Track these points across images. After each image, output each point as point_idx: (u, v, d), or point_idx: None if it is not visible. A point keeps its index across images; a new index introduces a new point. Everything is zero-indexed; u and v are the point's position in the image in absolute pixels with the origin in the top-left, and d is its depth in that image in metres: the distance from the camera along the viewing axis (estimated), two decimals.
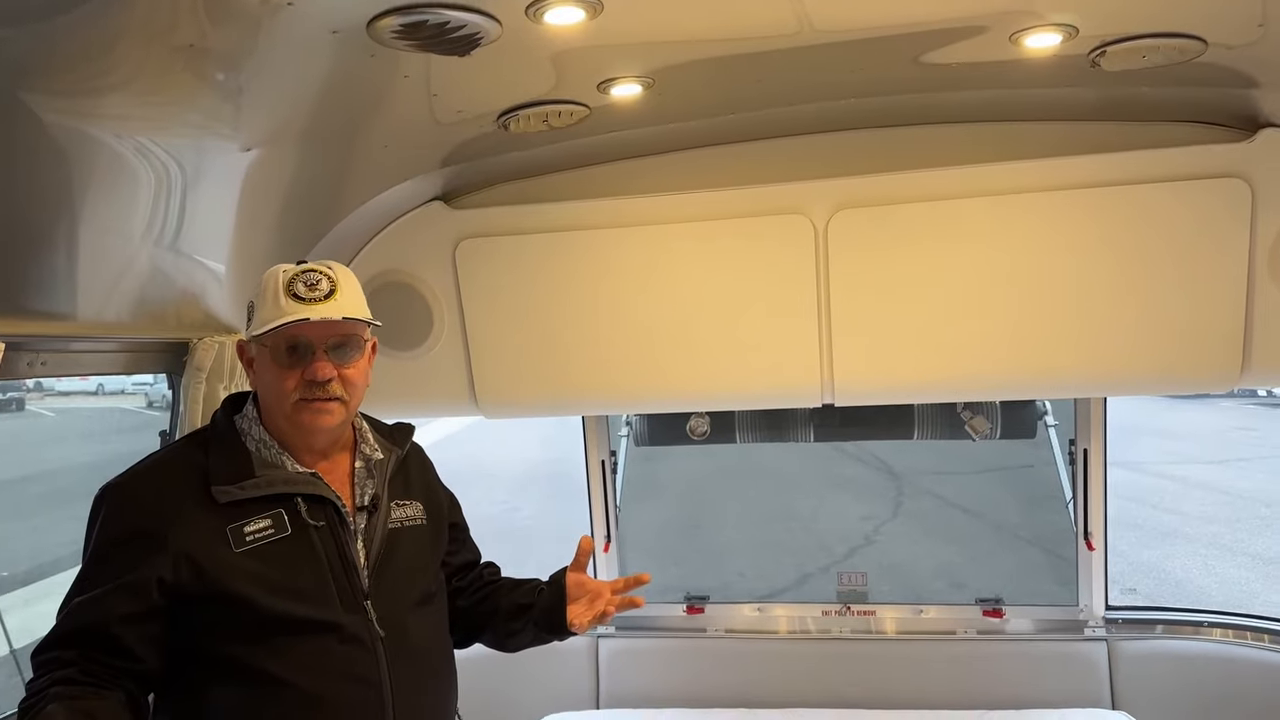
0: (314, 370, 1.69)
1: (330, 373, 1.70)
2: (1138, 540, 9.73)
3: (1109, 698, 3.27)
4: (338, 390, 1.72)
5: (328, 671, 1.66)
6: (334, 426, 1.76)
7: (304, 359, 1.70)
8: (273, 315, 1.69)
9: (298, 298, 1.69)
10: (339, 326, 1.72)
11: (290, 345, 1.70)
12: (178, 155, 1.91)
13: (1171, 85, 2.27)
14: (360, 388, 1.79)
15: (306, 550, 1.70)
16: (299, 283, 1.70)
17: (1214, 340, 2.56)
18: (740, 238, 2.75)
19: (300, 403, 1.71)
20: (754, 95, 2.39)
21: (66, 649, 1.58)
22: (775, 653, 3.52)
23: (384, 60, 1.76)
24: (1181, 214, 2.51)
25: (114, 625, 1.59)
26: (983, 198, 2.62)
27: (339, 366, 1.72)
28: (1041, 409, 3.50)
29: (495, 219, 2.86)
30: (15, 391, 10.18)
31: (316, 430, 1.75)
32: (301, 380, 1.70)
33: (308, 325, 1.68)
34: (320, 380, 1.70)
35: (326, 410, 1.72)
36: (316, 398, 1.70)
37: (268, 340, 1.71)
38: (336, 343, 1.73)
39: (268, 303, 1.71)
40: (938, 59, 2.14)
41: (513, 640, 2.09)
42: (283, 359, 1.71)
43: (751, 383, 2.85)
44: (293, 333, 1.69)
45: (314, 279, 1.71)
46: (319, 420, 1.72)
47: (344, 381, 1.73)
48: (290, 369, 1.70)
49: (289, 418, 1.73)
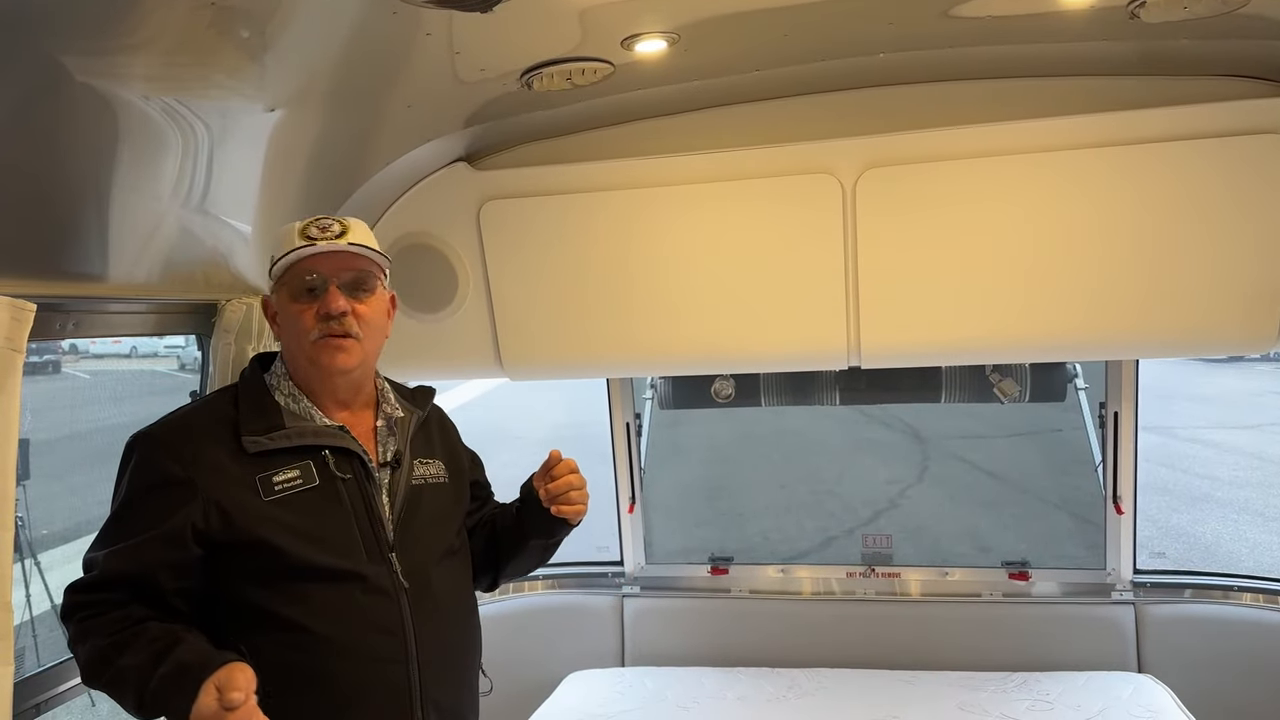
0: (327, 302, 1.75)
1: (344, 305, 1.75)
2: (1167, 505, 9.66)
3: (1135, 661, 3.26)
4: (353, 326, 1.77)
5: (352, 621, 1.70)
6: (353, 367, 1.80)
7: (319, 295, 1.76)
8: (289, 258, 1.76)
9: (310, 238, 1.76)
10: (351, 261, 1.78)
11: (307, 285, 1.76)
12: (204, 116, 1.92)
13: (1213, 38, 2.20)
14: (376, 329, 1.83)
15: (334, 501, 1.73)
16: (313, 226, 1.79)
17: (1250, 301, 2.50)
18: (766, 198, 2.72)
19: (320, 341, 1.75)
20: (781, 51, 2.35)
21: (114, 592, 1.62)
22: (799, 614, 3.54)
23: (406, 18, 1.74)
24: (1218, 171, 2.45)
25: (158, 573, 1.63)
26: (1014, 155, 2.57)
27: (353, 302, 1.77)
28: (1072, 371, 3.45)
29: (519, 180, 2.85)
30: (51, 355, 10.38)
31: (336, 370, 1.78)
32: (317, 315, 1.75)
33: (320, 260, 1.75)
34: (335, 313, 1.74)
35: (344, 347, 1.76)
36: (333, 333, 1.75)
37: (286, 280, 1.77)
38: (350, 279, 1.79)
39: (283, 249, 1.78)
40: (969, 11, 2.09)
41: (522, 557, 2.05)
42: (301, 296, 1.77)
43: (777, 345, 2.83)
44: (307, 266, 1.76)
45: (325, 223, 1.79)
46: (337, 359, 1.76)
47: (359, 319, 1.78)
48: (306, 305, 1.76)
49: (310, 358, 1.77)
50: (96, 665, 1.59)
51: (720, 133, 2.75)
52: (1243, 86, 2.47)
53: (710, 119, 2.76)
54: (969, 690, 3.07)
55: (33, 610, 4.79)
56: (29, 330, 1.63)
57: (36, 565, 5.14)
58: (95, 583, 1.64)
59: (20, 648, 1.79)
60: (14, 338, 1.60)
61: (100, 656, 1.58)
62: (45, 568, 5.18)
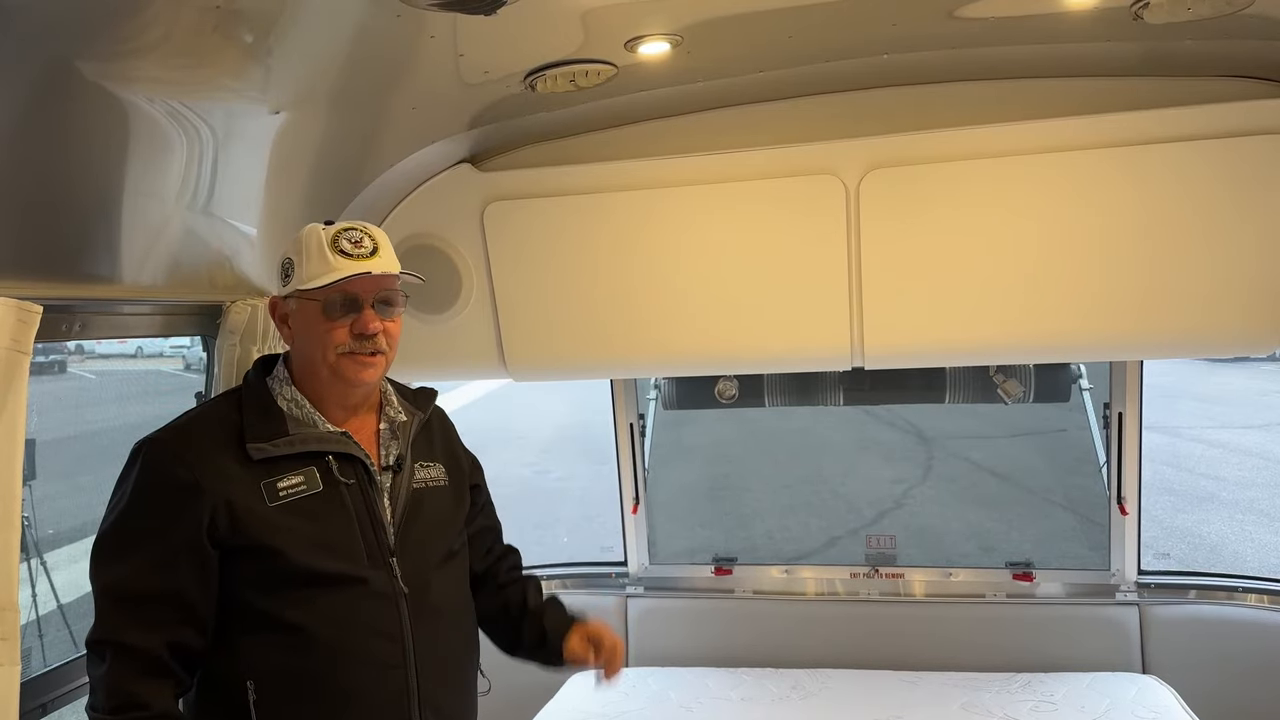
0: (364, 323, 1.76)
1: (379, 326, 1.77)
2: (1173, 505, 9.63)
3: (1140, 662, 3.25)
4: (383, 344, 1.79)
5: (353, 625, 1.71)
6: (374, 381, 1.83)
7: (352, 312, 1.76)
8: (320, 270, 1.74)
9: (345, 254, 1.75)
10: (386, 281, 1.79)
11: (343, 299, 1.76)
12: (209, 118, 1.93)
13: (1216, 38, 2.20)
14: (397, 342, 1.86)
15: (337, 507, 1.74)
16: (344, 239, 1.76)
17: (1254, 302, 2.50)
18: (770, 199, 2.72)
19: (348, 355, 1.77)
20: (784, 52, 2.35)
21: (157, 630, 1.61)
22: (802, 614, 3.54)
23: (410, 20, 1.75)
24: (1222, 172, 2.45)
25: (198, 595, 1.65)
26: (1018, 156, 2.57)
27: (384, 320, 1.79)
28: (1076, 372, 3.45)
29: (523, 181, 2.85)
30: (57, 355, 10.40)
31: (358, 383, 1.81)
32: (351, 333, 1.76)
33: (359, 280, 1.74)
34: (369, 334, 1.76)
35: (371, 364, 1.79)
36: (363, 351, 1.77)
37: (319, 295, 1.75)
38: (383, 297, 1.80)
39: (313, 258, 1.76)
40: (973, 12, 2.09)
41: (506, 642, 2.11)
42: (335, 312, 1.76)
43: (780, 345, 2.83)
44: (346, 287, 1.75)
45: (356, 236, 1.78)
46: (363, 374, 1.79)
47: (388, 335, 1.81)
48: (339, 322, 1.76)
49: (332, 368, 1.77)
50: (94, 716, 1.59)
51: (723, 134, 2.75)
52: (1246, 87, 2.47)
53: (713, 120, 2.76)
54: (973, 691, 3.06)
55: (39, 610, 4.81)
56: (35, 332, 1.63)
57: (43, 565, 5.16)
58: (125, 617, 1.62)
59: (26, 648, 1.80)
60: (20, 339, 1.61)
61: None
62: (51, 567, 5.20)
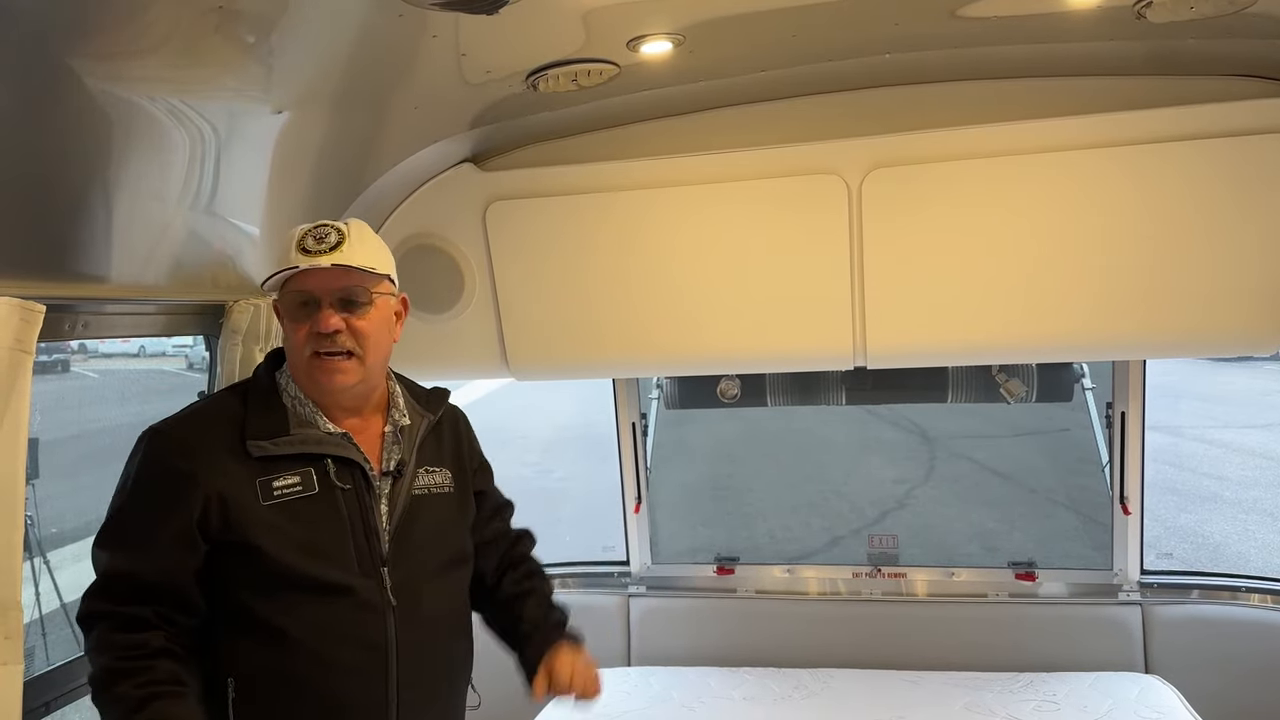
0: (318, 321, 1.71)
1: (335, 324, 1.71)
2: (1175, 505, 9.61)
3: (1142, 662, 3.25)
4: (347, 343, 1.72)
5: (336, 633, 1.69)
6: (351, 384, 1.76)
7: (313, 312, 1.72)
8: (282, 270, 1.73)
9: (306, 251, 1.71)
10: (343, 278, 1.72)
11: (301, 300, 1.73)
12: (211, 118, 1.93)
13: (1219, 37, 2.19)
14: (376, 341, 1.76)
15: (330, 511, 1.72)
16: (309, 237, 1.73)
17: (1256, 301, 2.50)
18: (772, 198, 2.71)
19: (313, 358, 1.73)
20: (787, 52, 2.35)
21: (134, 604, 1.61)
22: (805, 614, 3.54)
23: (412, 20, 1.75)
24: (1225, 171, 2.44)
25: (185, 579, 1.65)
26: (1020, 156, 2.56)
27: (349, 318, 1.73)
28: (1079, 372, 3.44)
29: (525, 181, 2.85)
30: (59, 354, 10.40)
31: (333, 389, 1.75)
32: (310, 333, 1.72)
33: (312, 277, 1.71)
34: (325, 331, 1.70)
35: (339, 368, 1.73)
36: (327, 351, 1.72)
37: (281, 296, 1.75)
38: (342, 295, 1.73)
39: (282, 259, 1.75)
40: (976, 12, 2.09)
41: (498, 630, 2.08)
42: (295, 313, 1.74)
43: (783, 345, 2.83)
44: (300, 286, 1.72)
45: (323, 233, 1.73)
46: (334, 379, 1.73)
47: (355, 334, 1.73)
48: (301, 323, 1.73)
49: (307, 374, 1.76)
50: (98, 682, 1.59)
51: (726, 133, 2.75)
52: (1249, 86, 2.46)
53: (715, 120, 2.76)
54: (975, 691, 3.06)
55: (42, 609, 4.81)
56: (38, 331, 1.63)
57: (46, 564, 5.16)
58: (115, 592, 1.63)
59: (30, 646, 1.80)
60: (23, 339, 1.61)
61: (105, 675, 1.58)
62: (54, 566, 5.20)
